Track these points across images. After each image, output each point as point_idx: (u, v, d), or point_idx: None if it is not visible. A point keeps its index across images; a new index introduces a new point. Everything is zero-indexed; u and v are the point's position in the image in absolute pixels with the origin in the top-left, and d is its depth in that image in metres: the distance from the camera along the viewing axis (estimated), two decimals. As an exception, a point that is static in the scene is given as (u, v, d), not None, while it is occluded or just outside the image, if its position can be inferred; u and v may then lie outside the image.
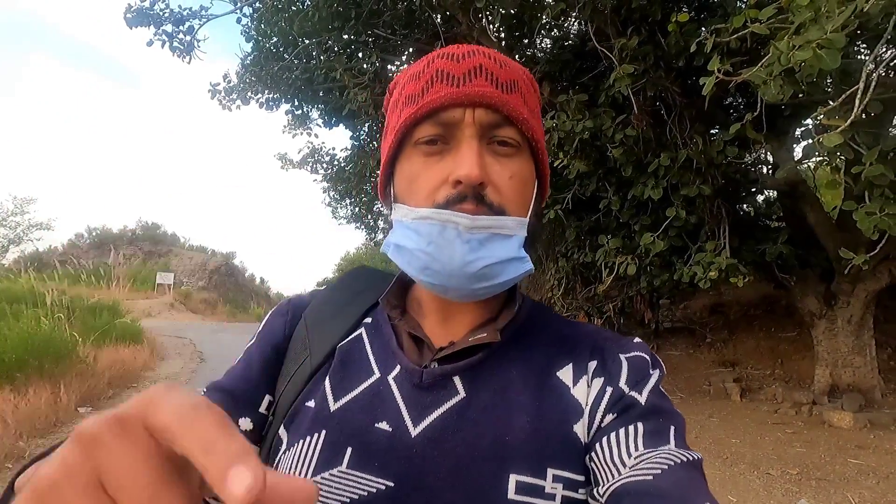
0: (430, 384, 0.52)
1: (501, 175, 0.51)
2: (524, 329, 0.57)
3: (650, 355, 0.55)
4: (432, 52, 0.56)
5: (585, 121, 3.78)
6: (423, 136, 0.51)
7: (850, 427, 4.83)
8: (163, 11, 5.08)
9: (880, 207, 2.89)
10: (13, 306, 9.84)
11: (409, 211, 0.52)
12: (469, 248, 0.48)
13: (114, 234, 30.36)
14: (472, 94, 0.49)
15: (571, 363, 0.54)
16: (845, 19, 1.82)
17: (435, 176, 0.50)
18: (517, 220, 0.51)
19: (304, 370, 0.56)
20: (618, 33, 3.50)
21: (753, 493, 3.35)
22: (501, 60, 0.53)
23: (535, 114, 0.56)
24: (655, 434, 0.46)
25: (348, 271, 0.70)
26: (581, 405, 0.51)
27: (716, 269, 3.87)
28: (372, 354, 0.56)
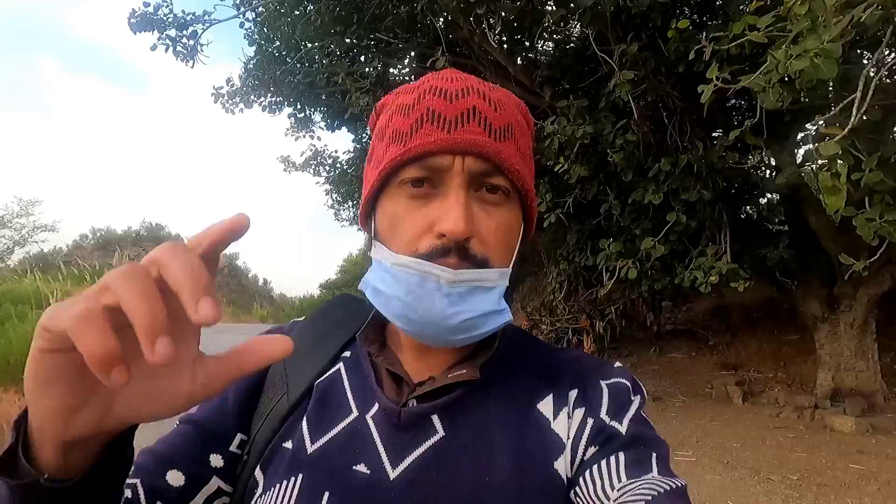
0: (409, 423, 0.50)
1: (488, 225, 0.49)
2: (504, 361, 0.56)
3: (631, 380, 0.55)
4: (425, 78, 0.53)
5: (586, 126, 3.79)
6: (409, 177, 0.49)
7: (852, 432, 4.82)
8: (166, 16, 5.13)
9: (879, 213, 2.89)
10: (18, 307, 9.92)
11: (390, 255, 0.50)
12: (449, 302, 0.47)
13: (118, 234, 30.54)
14: (463, 142, 0.47)
15: (552, 394, 0.53)
16: (842, 29, 1.84)
17: (419, 222, 0.48)
18: (500, 272, 0.50)
19: (281, 408, 0.54)
20: (618, 39, 3.52)
21: (754, 499, 3.35)
22: (496, 101, 0.51)
23: (527, 158, 0.55)
24: (638, 463, 0.46)
25: (330, 300, 0.68)
26: (562, 440, 0.50)
27: (716, 273, 3.87)
28: (350, 392, 0.54)
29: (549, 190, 4.85)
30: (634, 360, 9.04)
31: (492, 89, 0.53)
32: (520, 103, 0.57)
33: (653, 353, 9.08)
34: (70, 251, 27.36)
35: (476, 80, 0.53)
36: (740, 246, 4.62)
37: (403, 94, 0.54)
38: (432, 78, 0.53)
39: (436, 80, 0.52)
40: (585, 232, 5.31)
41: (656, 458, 0.47)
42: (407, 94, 0.53)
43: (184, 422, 0.55)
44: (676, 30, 3.05)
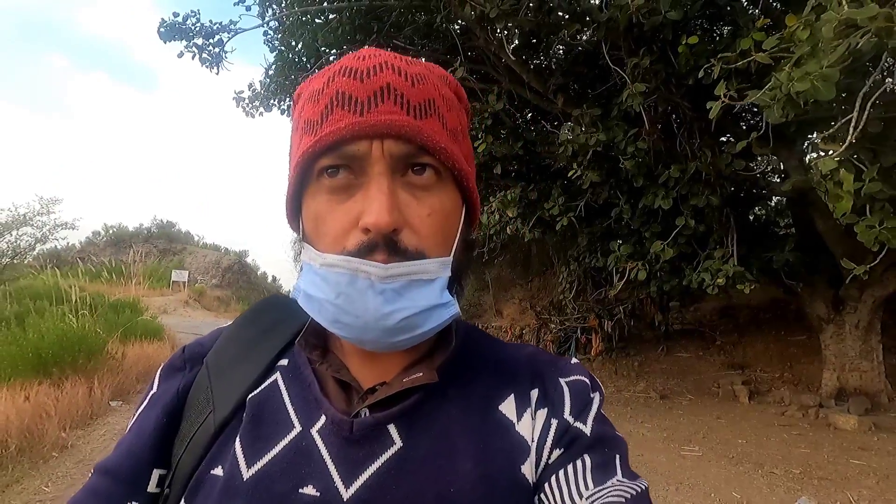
0: (362, 436, 0.46)
1: (419, 213, 0.45)
2: (460, 361, 0.52)
3: (589, 377, 0.53)
4: (335, 64, 0.48)
5: (598, 134, 3.96)
6: (324, 166, 0.45)
7: (855, 429, 4.96)
8: (194, 26, 5.35)
9: (880, 221, 3.05)
10: (36, 303, 10.22)
11: (317, 256, 0.46)
12: (384, 300, 0.43)
13: (130, 231, 30.96)
14: (379, 124, 0.42)
15: (513, 394, 0.51)
16: (840, 55, 2.00)
17: (342, 218, 0.44)
18: (439, 262, 0.45)
19: (207, 429, 0.48)
20: (631, 52, 3.68)
21: (756, 490, 3.52)
22: (414, 75, 0.46)
23: (457, 134, 0.49)
24: (603, 466, 0.46)
25: (257, 302, 0.62)
26: (527, 442, 0.48)
27: (723, 276, 4.04)
28: (291, 404, 0.49)
29: (562, 193, 5.02)
30: (642, 359, 9.17)
31: (409, 63, 0.47)
32: (445, 75, 0.51)
33: (661, 353, 9.19)
34: (83, 248, 27.80)
35: (391, 55, 0.47)
36: (747, 249, 4.77)
37: (315, 79, 0.48)
38: (345, 59, 0.47)
39: (347, 60, 0.47)
40: (596, 234, 5.48)
41: (619, 460, 0.46)
42: (318, 78, 0.48)
43: (97, 472, 0.49)
44: (687, 45, 3.21)
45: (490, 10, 3.57)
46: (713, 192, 4.08)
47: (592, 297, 8.82)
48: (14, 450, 3.87)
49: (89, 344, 6.65)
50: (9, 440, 3.89)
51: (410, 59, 0.49)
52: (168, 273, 25.09)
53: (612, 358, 9.42)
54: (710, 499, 3.41)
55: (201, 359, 0.55)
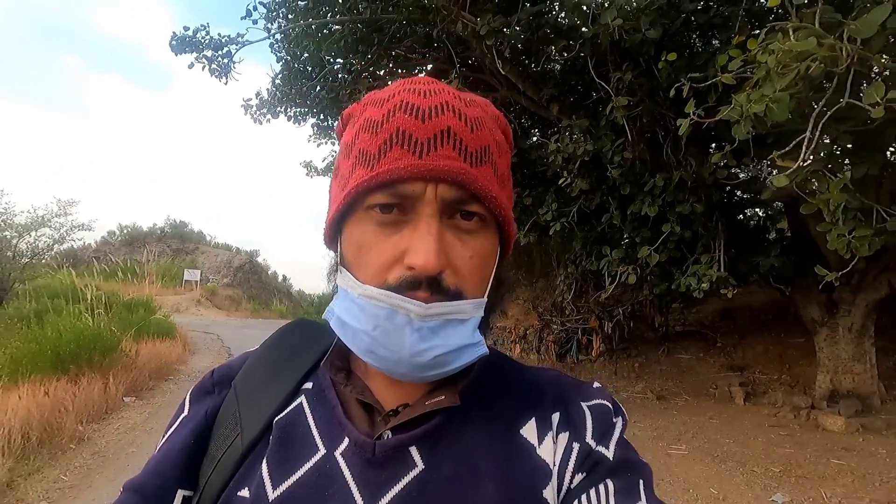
0: (385, 458, 0.47)
1: (462, 255, 0.46)
2: (482, 385, 0.54)
3: (611, 401, 0.53)
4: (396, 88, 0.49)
5: (586, 144, 4.13)
6: (377, 202, 0.46)
7: (842, 430, 5.07)
8: (204, 39, 5.60)
9: (849, 230, 3.19)
10: (53, 301, 10.58)
11: (357, 285, 0.47)
12: (420, 337, 0.44)
13: (144, 231, 31.54)
14: (437, 169, 0.44)
15: (534, 417, 0.51)
16: (790, 80, 2.16)
17: (387, 252, 0.46)
18: (474, 303, 0.47)
19: (235, 451, 0.50)
20: (616, 67, 3.84)
21: (734, 487, 3.67)
22: (473, 120, 0.47)
23: (504, 180, 0.51)
24: (626, 491, 0.45)
25: (283, 326, 0.64)
26: (549, 466, 0.48)
27: (707, 280, 4.18)
28: (315, 427, 0.50)
29: (555, 200, 5.20)
30: (642, 360, 9.27)
31: (468, 105, 0.49)
32: (498, 117, 0.53)
33: (661, 354, 9.27)
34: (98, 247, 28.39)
35: (451, 93, 0.49)
36: (736, 254, 4.90)
37: (371, 106, 0.49)
38: (404, 90, 0.48)
39: (407, 94, 0.47)
40: (590, 238, 5.64)
41: (643, 485, 0.46)
42: (376, 106, 0.48)
43: (126, 490, 0.50)
44: (666, 61, 3.38)
45: (481, 28, 3.76)
46: (698, 199, 4.23)
47: (592, 299, 8.95)
48: (35, 441, 4.14)
49: (104, 342, 6.95)
50: (30, 432, 4.16)
51: (468, 97, 0.50)
52: (180, 272, 25.52)
53: (612, 359, 9.53)
54: (688, 494, 3.56)
55: (230, 381, 0.56)
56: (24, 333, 7.04)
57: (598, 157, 4.45)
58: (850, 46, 2.07)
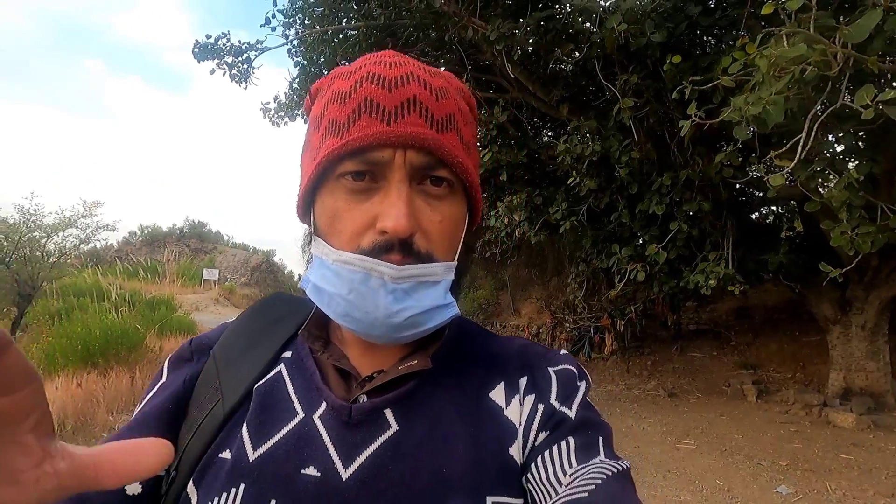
0: (360, 420, 0.49)
1: (432, 219, 0.48)
2: (453, 351, 0.56)
3: (577, 367, 0.55)
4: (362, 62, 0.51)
5: (595, 144, 4.23)
6: (348, 170, 0.47)
7: (853, 427, 5.09)
8: (225, 46, 5.83)
9: (852, 227, 3.26)
10: (80, 300, 10.97)
11: (331, 251, 0.49)
12: (394, 299, 0.46)
13: (164, 231, 32.21)
14: (404, 135, 0.46)
15: (503, 382, 0.54)
16: (785, 84, 2.25)
17: (360, 218, 0.47)
18: (445, 266, 0.50)
19: (216, 416, 0.51)
20: (622, 69, 3.94)
21: (740, 479, 3.75)
22: (438, 89, 0.49)
23: (471, 148, 0.53)
24: (586, 447, 0.47)
25: (262, 299, 0.66)
26: (515, 426, 0.51)
27: (715, 277, 4.25)
28: (294, 393, 0.52)
29: (565, 199, 5.30)
30: (655, 359, 9.29)
31: (433, 75, 0.51)
32: (462, 88, 0.55)
33: (674, 352, 9.27)
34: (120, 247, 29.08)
35: (416, 64, 0.51)
36: (745, 252, 4.95)
37: (339, 78, 0.51)
38: (370, 62, 0.50)
39: (373, 66, 0.49)
40: (600, 237, 5.73)
41: (602, 441, 0.49)
42: (343, 79, 0.50)
43: None
44: (672, 63, 3.47)
45: (491, 33, 3.88)
46: (705, 198, 4.30)
47: (604, 297, 9.00)
48: (70, 430, 4.39)
49: (130, 338, 7.24)
50: (66, 421, 4.41)
51: (432, 69, 0.52)
52: (199, 271, 26.00)
53: (625, 357, 9.57)
54: (694, 486, 3.65)
55: (208, 350, 0.58)
56: (55, 329, 7.36)
57: (606, 157, 4.54)
58: (842, 50, 2.16)
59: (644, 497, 3.56)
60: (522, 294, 13.52)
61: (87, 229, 12.90)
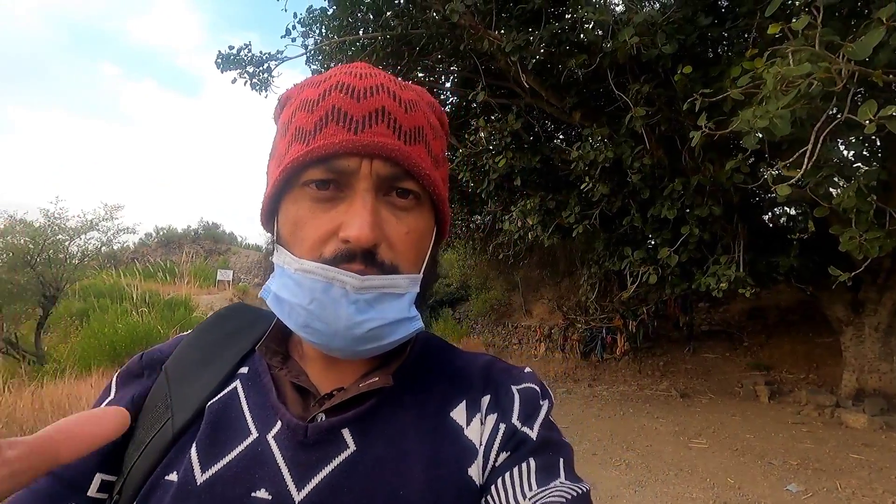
0: (317, 440, 0.48)
1: (397, 231, 0.48)
2: (416, 368, 0.55)
3: (540, 385, 0.55)
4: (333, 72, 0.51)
5: (607, 151, 4.34)
6: (313, 178, 0.47)
7: (865, 428, 5.14)
8: (246, 56, 6.04)
9: (861, 232, 3.35)
10: (100, 300, 11.29)
11: (293, 260, 0.47)
12: (356, 309, 0.45)
13: (178, 233, 32.75)
14: (371, 145, 0.45)
15: (465, 400, 0.53)
16: (791, 98, 2.36)
17: (323, 226, 0.46)
18: (410, 278, 0.49)
19: (165, 436, 0.49)
20: (635, 79, 4.05)
21: (750, 478, 3.84)
22: (407, 102, 0.49)
23: (439, 161, 0.53)
24: (547, 469, 0.47)
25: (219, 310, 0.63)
26: (475, 445, 0.50)
27: (725, 280, 4.35)
28: (248, 411, 0.50)
29: (578, 203, 5.42)
30: (668, 359, 9.35)
31: (403, 88, 0.50)
32: (433, 103, 0.55)
33: (687, 353, 9.31)
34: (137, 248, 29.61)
35: (386, 76, 0.50)
36: (756, 255, 5.03)
37: (308, 87, 0.50)
38: (340, 72, 0.50)
39: (343, 76, 0.49)
40: (612, 240, 5.84)
41: (563, 463, 0.48)
42: (312, 87, 0.50)
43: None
44: (683, 74, 3.59)
45: (506, 45, 4.01)
46: (716, 202, 4.40)
47: (616, 298, 9.09)
48: (105, 426, 4.60)
49: (153, 338, 7.50)
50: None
51: (403, 83, 0.52)
52: (214, 272, 26.37)
53: (637, 357, 9.64)
54: (705, 483, 3.76)
55: (160, 365, 0.55)
56: (84, 330, 7.64)
57: (618, 163, 4.66)
58: (846, 66, 2.27)
59: (656, 494, 3.69)
60: (534, 295, 13.60)
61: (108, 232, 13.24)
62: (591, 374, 9.48)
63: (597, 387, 8.43)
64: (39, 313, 10.01)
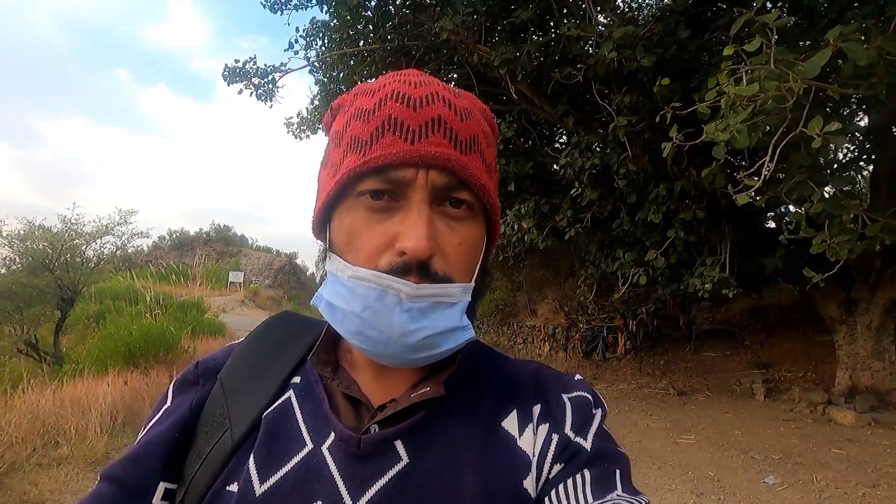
0: (370, 452, 0.48)
1: (451, 241, 0.47)
2: (466, 376, 0.55)
3: (591, 393, 0.54)
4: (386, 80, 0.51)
5: (594, 157, 4.53)
6: (368, 188, 0.46)
7: (852, 424, 5.26)
8: (252, 69, 6.31)
9: (830, 236, 3.50)
10: (115, 303, 11.65)
11: (346, 267, 0.47)
12: (409, 318, 0.45)
13: (191, 236, 33.34)
14: (428, 155, 0.45)
15: (516, 409, 0.52)
16: (748, 114, 2.54)
17: (378, 237, 0.46)
18: (463, 287, 0.48)
19: (224, 446, 0.50)
20: (618, 89, 4.23)
21: (731, 471, 4.00)
22: (462, 110, 0.49)
23: (492, 169, 0.53)
24: (602, 481, 0.46)
25: (269, 318, 0.65)
26: (528, 457, 0.49)
27: (710, 281, 4.51)
28: (303, 422, 0.51)
29: (570, 207, 5.60)
30: (668, 358, 9.46)
31: (457, 96, 0.50)
32: (485, 110, 0.55)
33: (687, 352, 9.40)
34: (150, 251, 30.20)
35: (441, 84, 0.50)
36: (743, 256, 5.18)
37: (363, 96, 0.50)
38: (394, 80, 0.50)
39: (398, 84, 0.49)
40: (605, 242, 6.01)
41: (620, 475, 0.47)
42: (367, 96, 0.50)
43: (103, 479, 0.49)
44: (661, 85, 3.76)
45: (494, 59, 4.21)
46: (700, 206, 4.56)
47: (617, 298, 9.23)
48: (121, 423, 4.88)
49: (167, 340, 7.80)
50: (117, 416, 4.90)
51: (456, 90, 0.52)
52: (225, 274, 26.80)
53: (638, 356, 9.76)
54: (686, 476, 3.93)
55: (215, 374, 0.56)
56: (100, 332, 7.97)
57: (607, 168, 4.84)
58: (796, 84, 2.44)
59: (637, 486, 3.81)
60: (538, 295, 13.74)
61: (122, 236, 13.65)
62: (592, 373, 9.62)
63: (597, 385, 8.59)
64: (58, 316, 10.40)
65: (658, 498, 3.57)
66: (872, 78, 2.97)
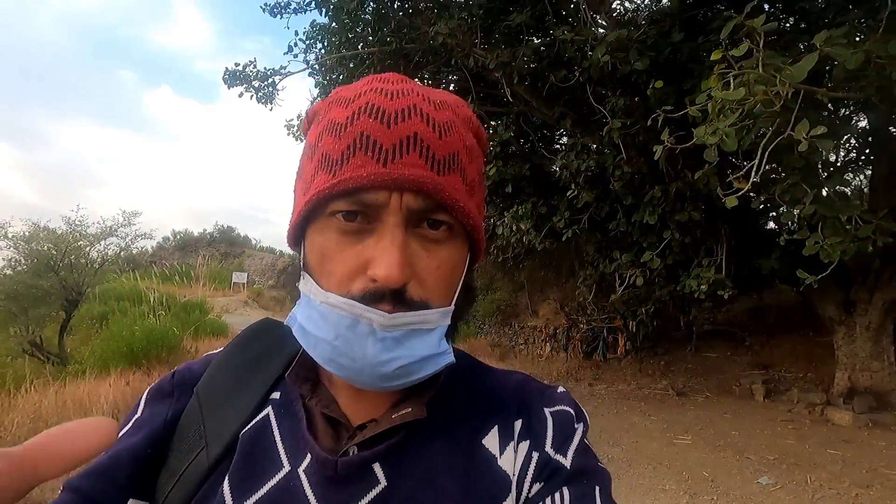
0: (347, 475, 0.46)
1: (427, 265, 0.45)
2: (447, 393, 0.53)
3: (574, 407, 0.53)
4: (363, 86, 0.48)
5: (589, 160, 4.56)
6: (340, 209, 0.44)
7: (849, 425, 5.27)
8: (252, 72, 6.37)
9: (823, 237, 3.52)
10: (119, 303, 11.75)
11: (319, 292, 0.46)
12: (383, 347, 0.43)
13: (195, 237, 33.53)
14: (401, 178, 0.42)
15: (497, 426, 0.51)
16: (735, 118, 2.57)
17: (351, 261, 0.44)
18: (440, 312, 0.46)
19: (199, 466, 0.48)
20: (612, 92, 4.25)
21: (725, 471, 4.02)
22: (442, 125, 0.45)
23: (474, 187, 0.49)
24: (581, 498, 0.46)
25: (248, 328, 0.62)
26: (509, 477, 0.48)
27: (706, 282, 4.53)
28: (281, 442, 0.49)
29: (568, 208, 5.63)
30: (669, 359, 9.46)
31: (438, 108, 0.46)
32: (470, 119, 0.51)
33: (688, 352, 9.40)
34: (154, 252, 30.39)
35: (420, 94, 0.47)
36: (740, 257, 5.20)
37: (337, 106, 0.47)
38: (371, 90, 0.46)
39: (374, 95, 0.45)
40: (603, 243, 6.04)
41: (599, 492, 0.47)
42: (341, 106, 0.46)
43: (68, 489, 0.47)
44: (654, 88, 3.79)
45: (490, 62, 4.25)
46: (695, 208, 4.58)
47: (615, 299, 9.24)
48: (122, 422, 4.94)
49: (169, 340, 7.87)
50: (119, 416, 4.97)
51: (438, 98, 0.48)
52: (229, 275, 26.91)
53: (638, 357, 9.76)
54: (680, 476, 3.95)
55: (191, 387, 0.54)
56: (103, 333, 8.05)
57: (603, 170, 4.86)
58: (783, 88, 2.47)
59: (632, 486, 3.89)
60: (539, 295, 13.75)
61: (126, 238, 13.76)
62: (592, 374, 9.63)
63: (596, 386, 8.60)
64: (63, 316, 10.50)
65: (651, 498, 3.60)
66: (863, 81, 3.00)
